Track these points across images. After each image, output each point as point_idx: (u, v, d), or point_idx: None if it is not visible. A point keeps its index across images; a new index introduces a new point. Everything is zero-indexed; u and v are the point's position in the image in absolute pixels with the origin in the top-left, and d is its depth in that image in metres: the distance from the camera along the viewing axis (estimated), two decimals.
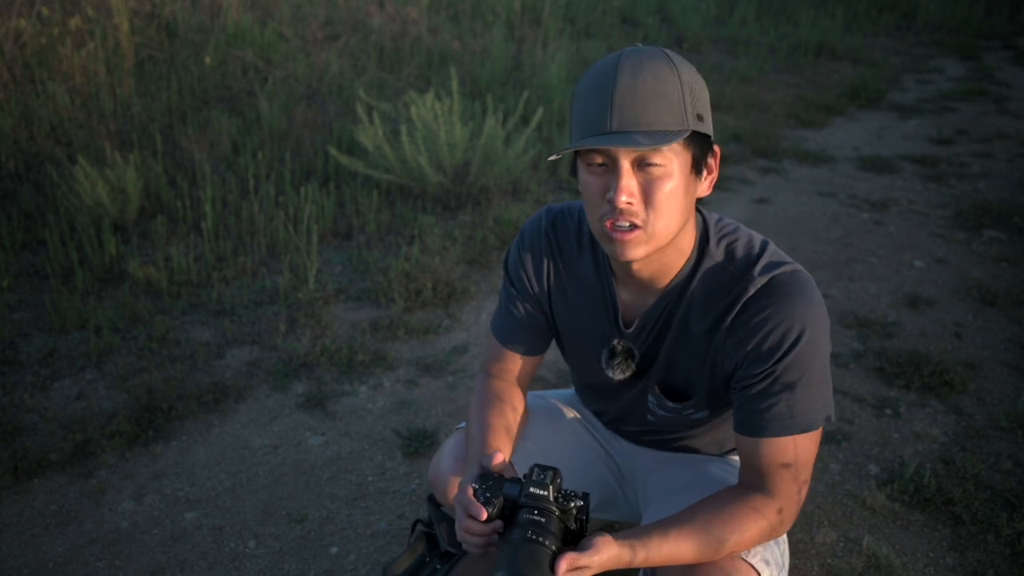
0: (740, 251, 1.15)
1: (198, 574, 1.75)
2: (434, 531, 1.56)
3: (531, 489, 1.01)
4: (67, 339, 2.60)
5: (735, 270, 1.13)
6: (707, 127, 1.05)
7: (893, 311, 2.87)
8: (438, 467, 1.39)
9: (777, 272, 1.10)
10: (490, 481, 1.06)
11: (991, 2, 9.29)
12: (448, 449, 1.39)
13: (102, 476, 2.04)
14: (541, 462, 1.06)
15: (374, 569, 1.75)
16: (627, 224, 1.04)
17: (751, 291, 1.10)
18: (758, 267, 1.11)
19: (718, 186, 4.07)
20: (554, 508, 1.00)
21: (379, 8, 5.98)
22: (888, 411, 2.31)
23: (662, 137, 0.99)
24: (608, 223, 1.05)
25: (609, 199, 1.03)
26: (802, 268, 1.13)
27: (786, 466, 1.10)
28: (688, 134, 1.00)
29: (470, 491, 1.06)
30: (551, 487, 1.01)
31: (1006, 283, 3.08)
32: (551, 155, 1.05)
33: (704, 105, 1.04)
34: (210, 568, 1.76)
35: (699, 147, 1.05)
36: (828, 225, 3.63)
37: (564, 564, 0.96)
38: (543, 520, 0.98)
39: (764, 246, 1.15)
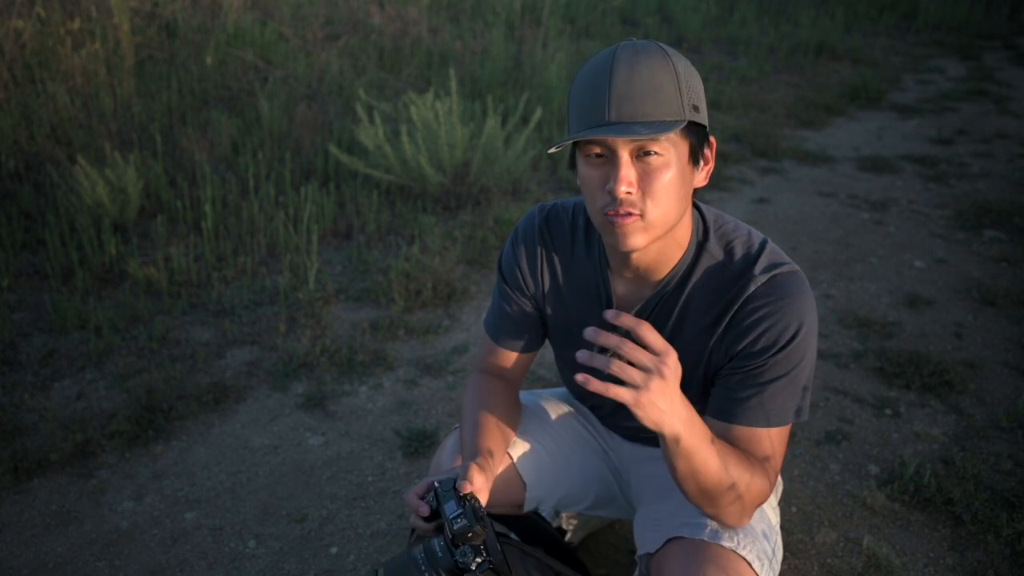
0: (739, 249, 1.16)
1: (198, 574, 1.75)
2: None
3: (455, 527, 1.05)
4: (67, 339, 2.60)
5: (735, 268, 1.15)
6: (703, 118, 1.06)
7: (893, 311, 2.87)
8: (438, 465, 1.40)
9: (776, 272, 1.12)
10: (448, 489, 1.11)
11: (991, 2, 9.28)
12: (448, 446, 1.40)
13: (102, 476, 2.04)
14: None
15: (374, 569, 1.75)
16: (627, 213, 1.06)
17: (750, 289, 1.12)
18: (758, 266, 1.13)
19: (718, 186, 4.07)
20: (453, 556, 1.05)
21: (379, 8, 5.98)
22: (888, 411, 2.31)
23: (660, 127, 1.00)
24: (609, 212, 1.06)
25: (609, 189, 1.05)
26: (799, 269, 1.15)
27: (761, 448, 1.13)
28: (685, 124, 1.02)
29: (423, 487, 1.15)
30: (469, 537, 1.05)
31: (1006, 283, 3.07)
32: (550, 148, 1.06)
33: (699, 96, 1.06)
34: (210, 568, 1.77)
35: (696, 137, 1.07)
36: (828, 225, 3.63)
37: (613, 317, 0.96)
38: (440, 555, 1.06)
39: (763, 244, 1.17)
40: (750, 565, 1.14)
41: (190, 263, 2.98)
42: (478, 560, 1.03)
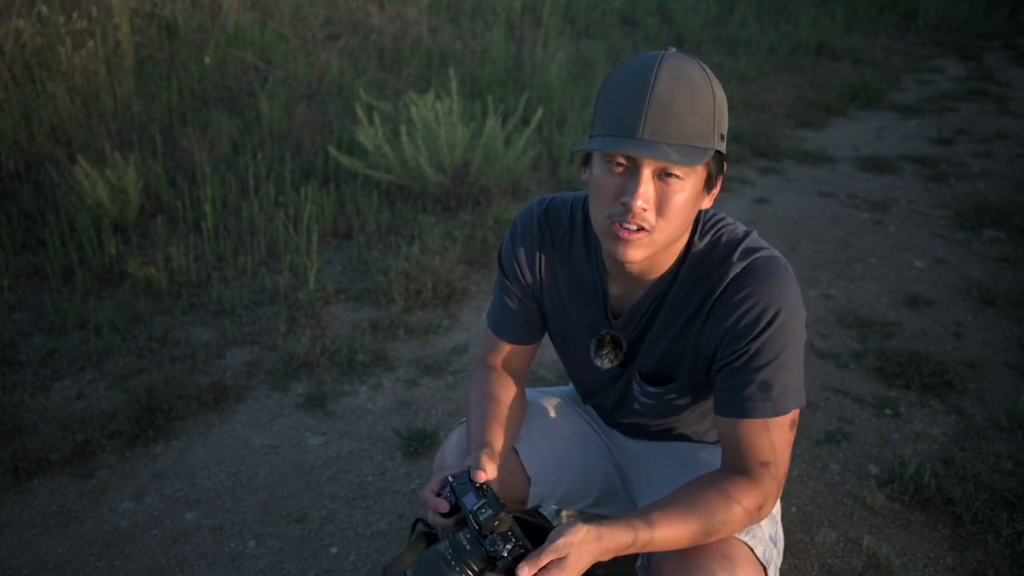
0: (723, 239, 1.19)
1: (198, 574, 1.75)
2: (434, 530, 1.56)
3: (480, 518, 1.05)
4: (67, 339, 2.60)
5: (717, 256, 1.17)
6: (725, 146, 1.08)
7: (893, 311, 2.87)
8: (442, 461, 1.40)
9: (755, 256, 1.14)
10: (464, 483, 1.11)
11: (991, 2, 9.28)
12: (452, 443, 1.40)
13: (102, 476, 2.04)
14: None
15: (374, 569, 1.75)
16: (635, 226, 1.07)
17: (731, 274, 1.14)
18: (738, 252, 1.15)
19: None
20: (482, 546, 1.04)
21: (379, 8, 5.98)
22: (888, 411, 2.31)
23: (692, 155, 1.01)
24: (616, 224, 1.08)
25: (624, 202, 1.06)
26: (780, 255, 1.17)
27: (762, 449, 1.12)
28: (712, 154, 1.04)
29: (437, 484, 1.14)
30: (496, 525, 1.04)
31: (1006, 283, 3.08)
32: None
33: (726, 124, 1.08)
34: (210, 568, 1.77)
35: (716, 165, 1.09)
36: (828, 225, 3.63)
37: (525, 571, 0.97)
38: (468, 548, 1.04)
39: (746, 234, 1.19)
40: (752, 550, 1.15)
41: (190, 263, 2.98)
42: (508, 547, 1.03)
